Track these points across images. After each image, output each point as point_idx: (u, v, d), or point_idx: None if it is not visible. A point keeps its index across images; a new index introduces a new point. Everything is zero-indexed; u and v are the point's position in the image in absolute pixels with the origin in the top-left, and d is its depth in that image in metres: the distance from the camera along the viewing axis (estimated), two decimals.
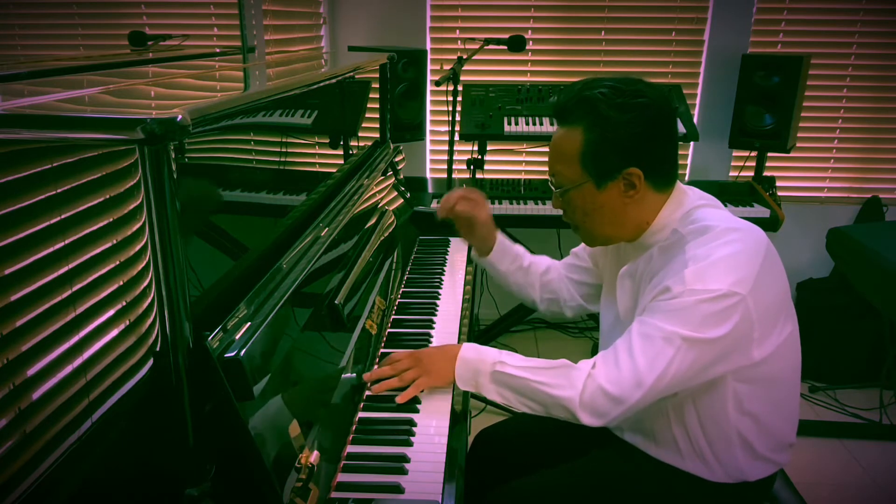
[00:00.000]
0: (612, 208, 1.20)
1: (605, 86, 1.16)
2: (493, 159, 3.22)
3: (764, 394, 1.18)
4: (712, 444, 1.19)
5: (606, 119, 1.14)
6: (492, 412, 2.62)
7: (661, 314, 1.10)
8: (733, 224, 1.15)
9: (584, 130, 1.16)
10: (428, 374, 1.23)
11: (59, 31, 1.47)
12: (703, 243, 1.12)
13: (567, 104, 1.19)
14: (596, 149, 1.16)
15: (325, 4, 3.04)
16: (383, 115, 2.28)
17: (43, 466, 0.73)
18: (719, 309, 1.07)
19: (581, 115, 1.16)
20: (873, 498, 2.25)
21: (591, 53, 3.11)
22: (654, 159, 1.18)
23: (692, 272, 1.09)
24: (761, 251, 1.13)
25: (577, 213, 1.24)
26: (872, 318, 2.77)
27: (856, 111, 3.12)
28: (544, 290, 1.55)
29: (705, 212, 1.19)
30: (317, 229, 1.34)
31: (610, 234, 1.26)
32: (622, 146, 1.15)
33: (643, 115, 1.14)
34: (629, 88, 1.15)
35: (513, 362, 1.20)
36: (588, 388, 1.11)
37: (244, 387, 0.88)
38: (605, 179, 1.18)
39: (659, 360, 1.08)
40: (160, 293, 0.79)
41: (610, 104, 1.14)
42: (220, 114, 0.95)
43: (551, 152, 1.23)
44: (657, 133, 1.17)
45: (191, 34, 1.95)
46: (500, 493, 1.28)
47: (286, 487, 0.90)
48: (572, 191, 1.21)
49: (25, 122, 0.73)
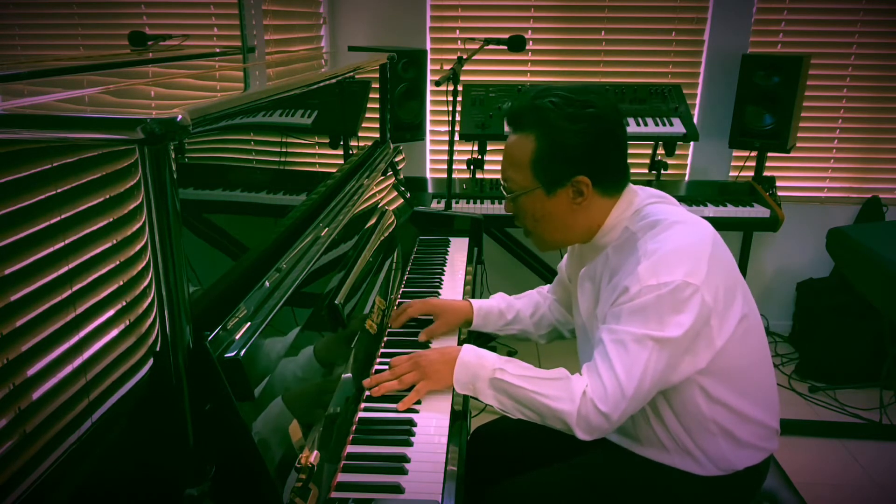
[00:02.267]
0: (561, 214, 1.23)
1: (557, 95, 1.20)
2: (493, 159, 3.22)
3: (730, 383, 1.19)
4: (693, 437, 1.21)
5: (556, 128, 1.17)
6: (492, 412, 2.61)
7: (625, 317, 1.12)
8: (680, 217, 1.19)
9: (536, 138, 1.19)
10: (427, 378, 1.23)
11: (59, 31, 1.47)
12: (652, 237, 1.15)
13: (520, 111, 1.22)
14: (546, 156, 1.19)
15: (325, 4, 3.04)
16: (383, 115, 2.28)
17: (43, 466, 0.73)
18: (678, 301, 1.09)
19: (532, 122, 1.19)
20: (873, 498, 2.25)
21: (591, 53, 3.11)
22: (602, 168, 1.21)
23: (645, 268, 1.11)
24: (708, 241, 1.16)
25: (527, 219, 1.26)
26: (872, 318, 2.77)
27: (856, 111, 3.12)
28: (539, 328, 1.56)
29: (655, 207, 1.22)
30: (317, 229, 1.34)
31: (559, 238, 1.29)
32: (571, 155, 1.18)
33: (592, 125, 1.18)
34: (579, 98, 1.19)
35: (512, 370, 1.20)
36: (584, 404, 1.13)
37: (244, 387, 0.88)
38: (554, 187, 1.21)
39: (635, 366, 1.10)
40: (160, 293, 0.79)
41: (560, 114, 1.17)
42: (220, 114, 0.95)
43: (504, 158, 1.26)
44: (605, 143, 1.20)
45: (191, 34, 1.95)
46: (496, 491, 1.29)
47: (286, 487, 0.90)
48: (522, 196, 1.24)
49: (25, 122, 0.73)
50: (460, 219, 2.19)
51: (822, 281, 3.15)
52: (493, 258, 3.22)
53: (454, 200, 2.72)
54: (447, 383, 1.23)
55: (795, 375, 2.97)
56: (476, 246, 2.11)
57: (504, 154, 1.26)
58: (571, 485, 1.27)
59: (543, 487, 1.26)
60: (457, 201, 2.74)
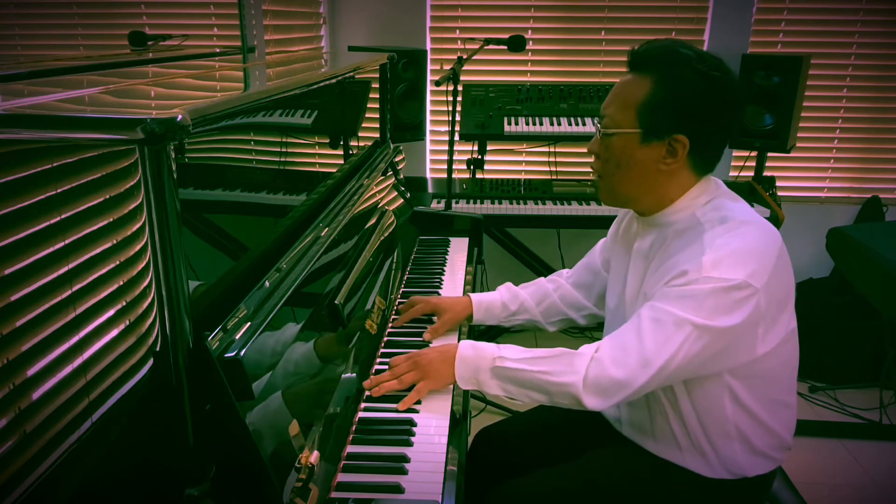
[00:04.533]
0: (645, 168, 1.18)
1: (692, 49, 1.15)
2: (493, 159, 3.22)
3: (759, 390, 1.18)
4: (710, 437, 1.20)
5: (679, 78, 1.13)
6: (492, 412, 2.62)
7: (673, 299, 1.09)
8: (751, 218, 1.16)
9: (655, 82, 1.15)
10: (428, 378, 1.22)
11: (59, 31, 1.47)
12: (721, 233, 1.12)
13: (648, 52, 1.17)
14: (658, 103, 1.14)
15: (325, 4, 3.04)
16: (383, 115, 2.28)
17: (43, 466, 0.73)
18: (733, 299, 1.07)
19: (658, 66, 1.15)
20: (873, 498, 2.25)
21: (591, 53, 3.11)
22: (705, 138, 1.17)
23: (710, 259, 1.08)
24: (776, 248, 1.13)
25: (609, 162, 1.21)
26: (872, 318, 2.77)
27: (856, 111, 3.13)
28: (547, 316, 1.54)
29: (727, 202, 1.19)
30: (317, 229, 1.34)
31: (630, 193, 1.24)
32: (682, 110, 1.14)
33: (715, 89, 1.14)
34: (713, 60, 1.14)
35: (511, 355, 1.19)
36: (591, 370, 1.11)
37: (244, 387, 0.88)
38: (652, 136, 1.16)
39: (668, 344, 1.08)
40: (160, 293, 0.79)
41: (689, 66, 1.13)
42: (220, 114, 0.95)
43: (611, 95, 1.21)
44: (718, 113, 1.16)
45: (191, 34, 1.95)
46: (499, 493, 1.28)
47: (286, 487, 0.90)
48: (617, 136, 1.19)
49: (25, 122, 0.73)
50: (460, 219, 2.19)
51: (822, 281, 3.15)
52: (493, 258, 3.22)
53: (454, 200, 2.72)
54: (448, 381, 1.23)
55: None
56: (476, 246, 2.11)
57: (613, 91, 1.21)
58: (576, 486, 1.27)
59: (547, 488, 1.26)
60: (457, 201, 2.74)
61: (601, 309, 1.51)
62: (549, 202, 2.73)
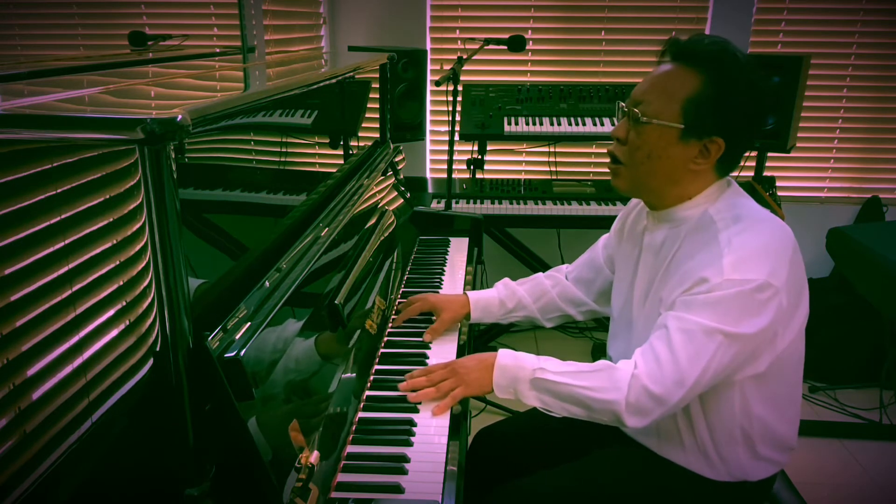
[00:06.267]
0: (675, 164, 1.17)
1: (742, 53, 1.14)
2: (493, 159, 3.22)
3: (769, 388, 1.18)
4: (716, 439, 1.19)
5: (733, 82, 1.11)
6: (492, 412, 2.62)
7: (699, 308, 1.08)
8: (764, 216, 1.16)
9: (706, 79, 1.12)
10: (466, 385, 1.21)
11: (59, 31, 1.47)
12: (736, 232, 1.12)
13: (701, 46, 1.14)
14: (707, 101, 1.12)
15: (325, 4, 3.04)
16: (383, 115, 2.28)
17: (43, 466, 0.73)
18: (758, 301, 1.07)
19: (711, 63, 1.12)
20: (873, 498, 2.25)
21: (591, 53, 3.11)
22: (740, 144, 1.17)
23: (730, 262, 1.07)
24: (790, 243, 1.14)
25: (640, 150, 1.18)
26: (872, 318, 2.77)
27: (856, 111, 3.13)
28: (544, 313, 1.55)
29: (739, 200, 1.20)
30: (317, 229, 1.34)
31: (654, 186, 1.22)
32: (728, 115, 1.12)
33: (761, 99, 1.14)
34: (765, 71, 1.13)
35: (552, 368, 1.17)
36: (633, 388, 1.10)
37: (244, 387, 0.88)
38: (691, 134, 1.14)
39: (700, 356, 1.07)
40: (160, 293, 0.79)
41: (745, 72, 1.12)
42: (220, 114, 0.95)
43: (652, 82, 1.18)
44: (758, 122, 1.16)
45: (191, 34, 1.95)
46: (499, 493, 1.28)
47: (286, 487, 0.90)
48: (655, 126, 1.16)
49: (25, 122, 0.73)
50: (460, 219, 2.19)
51: (822, 281, 3.15)
52: (493, 258, 3.21)
53: (454, 200, 2.72)
54: (486, 388, 1.21)
55: None
56: (476, 246, 2.11)
57: (654, 79, 1.17)
58: (576, 486, 1.27)
59: (548, 488, 1.26)
60: (457, 201, 2.74)
61: (601, 306, 1.51)
62: (549, 202, 2.73)
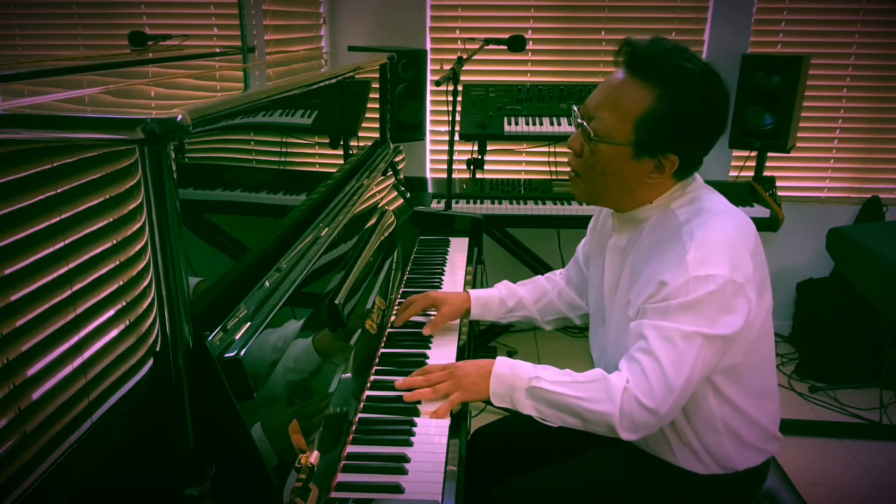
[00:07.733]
0: (630, 180, 1.17)
1: (697, 63, 1.11)
2: (493, 159, 3.22)
3: (741, 381, 1.18)
4: (699, 433, 1.20)
5: (687, 100, 1.09)
6: (491, 412, 2.62)
7: (674, 314, 1.09)
8: (725, 208, 1.17)
9: (659, 97, 1.10)
10: (464, 389, 1.21)
11: (59, 31, 1.47)
12: (698, 226, 1.12)
13: (654, 59, 1.11)
14: (659, 120, 1.11)
15: (325, 4, 3.04)
16: (383, 115, 2.28)
17: (43, 466, 0.73)
18: (728, 300, 1.07)
19: (664, 79, 1.10)
20: (873, 498, 2.25)
21: (591, 53, 3.11)
22: (695, 156, 1.17)
23: (694, 258, 1.08)
24: (752, 235, 1.15)
25: (594, 168, 1.18)
26: (872, 318, 2.77)
27: (856, 111, 3.12)
28: (544, 314, 1.55)
29: (701, 193, 1.20)
30: (317, 229, 1.34)
31: (610, 198, 1.23)
32: (680, 132, 1.11)
33: (715, 113, 1.13)
34: (716, 82, 1.11)
35: (548, 377, 1.17)
36: (626, 401, 1.10)
37: (244, 387, 0.88)
38: (645, 152, 1.14)
39: (684, 361, 1.08)
40: (160, 293, 0.79)
41: (698, 88, 1.09)
42: (220, 114, 0.95)
43: (605, 95, 1.15)
44: (712, 134, 1.15)
45: (191, 34, 1.95)
46: (496, 492, 1.28)
47: (286, 487, 0.90)
48: (606, 145, 1.15)
49: (25, 122, 0.73)
50: (460, 219, 2.19)
51: (822, 281, 3.15)
52: (493, 258, 3.22)
53: (454, 200, 2.72)
54: (482, 395, 1.21)
55: (795, 375, 2.97)
56: (476, 246, 2.11)
57: (607, 92, 1.15)
58: (571, 485, 1.27)
59: (544, 487, 1.26)
60: (457, 201, 2.74)
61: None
62: (549, 202, 2.73)
